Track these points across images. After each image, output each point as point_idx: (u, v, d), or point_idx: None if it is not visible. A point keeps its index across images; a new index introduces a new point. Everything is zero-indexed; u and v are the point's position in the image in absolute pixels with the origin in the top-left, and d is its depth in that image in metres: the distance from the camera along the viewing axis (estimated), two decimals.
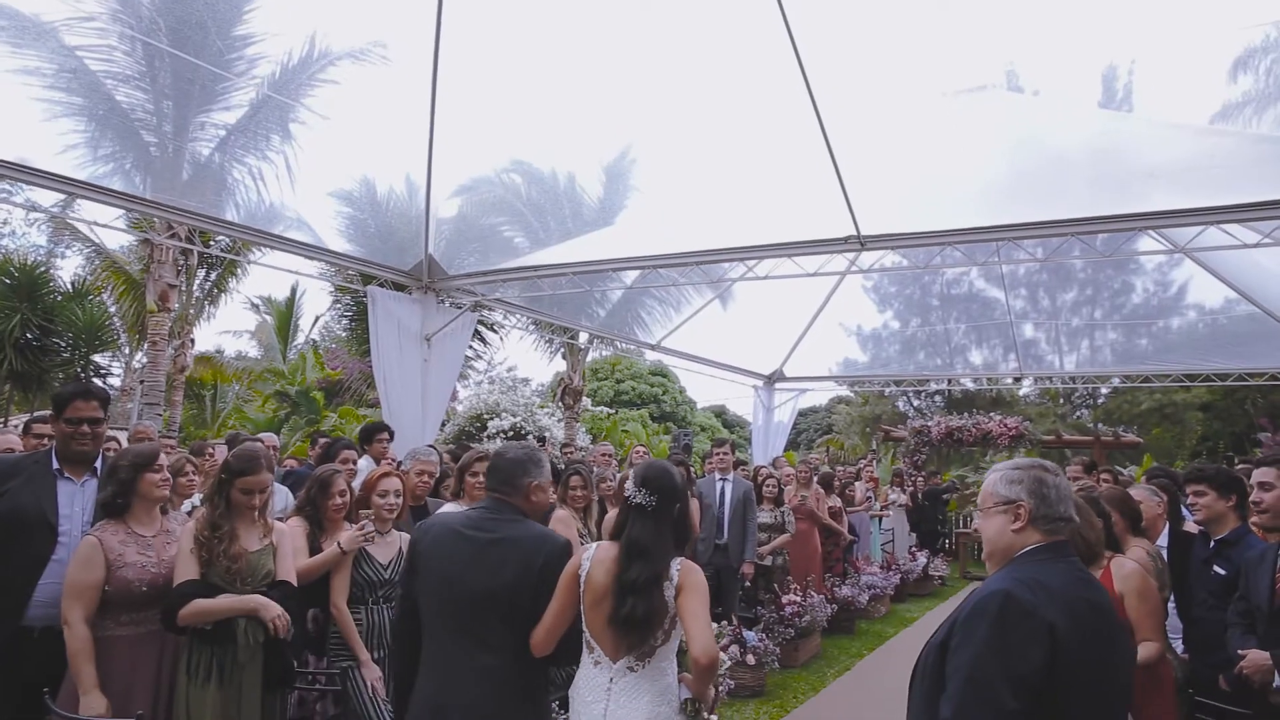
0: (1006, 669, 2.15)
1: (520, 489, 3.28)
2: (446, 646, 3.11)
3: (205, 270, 18.31)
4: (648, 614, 2.90)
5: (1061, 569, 2.35)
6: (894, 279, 15.44)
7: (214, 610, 3.67)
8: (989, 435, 16.04)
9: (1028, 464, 2.52)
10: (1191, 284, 13.00)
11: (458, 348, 10.02)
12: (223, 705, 3.65)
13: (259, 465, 3.90)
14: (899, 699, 5.91)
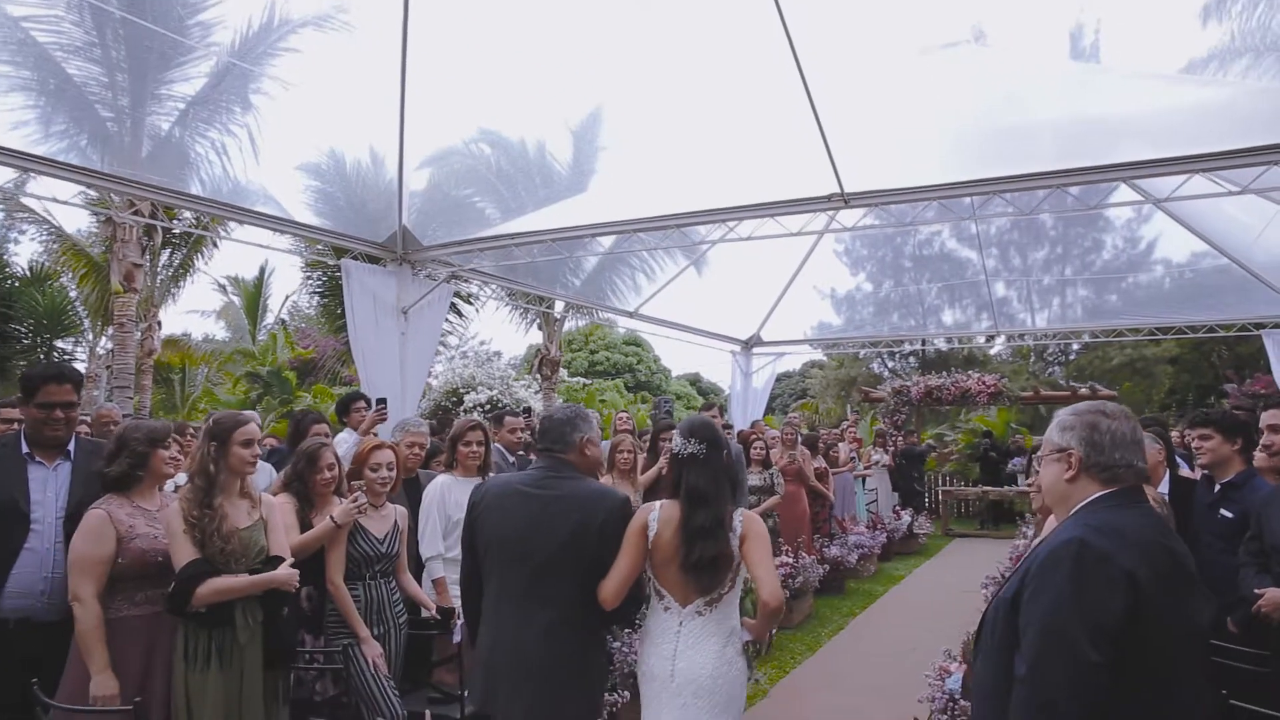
0: (1085, 618, 2.04)
1: (574, 445, 3.40)
2: (505, 602, 3.26)
3: (170, 250, 17.88)
4: (715, 557, 3.07)
5: (1135, 515, 2.23)
6: (866, 241, 15.46)
7: (234, 589, 3.56)
8: (968, 393, 16.09)
9: (1086, 408, 2.40)
10: (1160, 240, 13.22)
11: (435, 320, 9.83)
12: (224, 689, 3.53)
13: (246, 416, 3.82)
14: (895, 655, 5.83)
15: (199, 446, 3.71)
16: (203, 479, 3.62)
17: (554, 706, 3.17)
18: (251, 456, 3.76)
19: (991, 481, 16.45)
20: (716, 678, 3.12)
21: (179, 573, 3.49)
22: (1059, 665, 2.04)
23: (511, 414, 6.56)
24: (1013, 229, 14.68)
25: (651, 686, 3.21)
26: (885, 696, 6.20)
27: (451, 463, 5.14)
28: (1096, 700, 2.01)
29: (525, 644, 3.17)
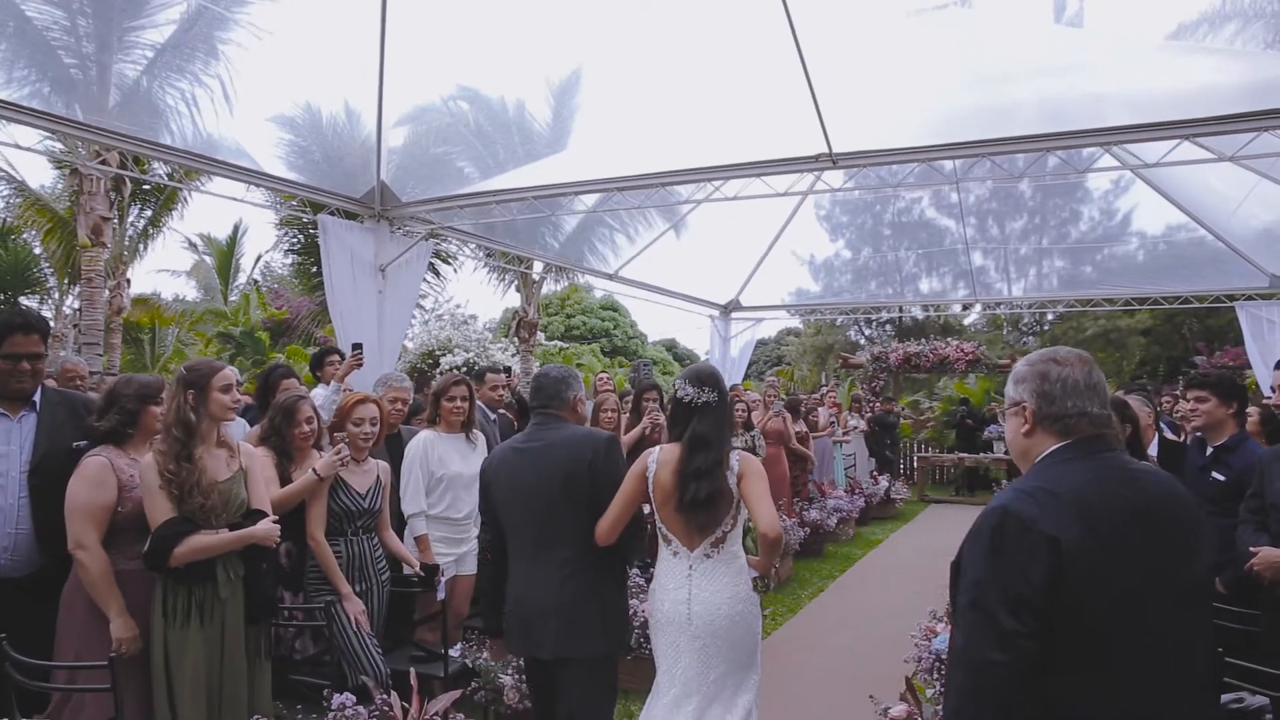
0: (1004, 590, 1.96)
1: (567, 402, 3.62)
2: (522, 551, 3.47)
3: (139, 206, 17.47)
4: (711, 495, 3.19)
5: (1085, 469, 2.08)
6: (846, 208, 15.45)
7: (214, 547, 3.44)
8: (946, 360, 16.15)
9: (1037, 357, 2.27)
10: (1136, 212, 13.30)
11: (413, 279, 9.66)
12: (206, 646, 3.43)
13: (219, 364, 3.67)
14: (875, 617, 5.79)
15: (173, 397, 3.54)
16: (181, 430, 3.46)
17: (578, 633, 3.34)
18: (232, 403, 3.63)
19: (967, 448, 16.55)
20: (733, 616, 3.25)
21: (155, 531, 3.36)
22: (981, 637, 1.98)
23: (493, 371, 6.46)
24: (991, 198, 14.73)
25: (668, 631, 3.31)
26: (867, 658, 6.22)
27: (435, 419, 5.05)
28: (1023, 669, 1.93)
29: (544, 587, 3.37)
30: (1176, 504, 2.07)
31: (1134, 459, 2.20)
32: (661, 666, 3.35)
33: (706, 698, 3.23)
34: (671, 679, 3.29)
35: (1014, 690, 1.94)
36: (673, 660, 3.30)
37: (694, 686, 3.24)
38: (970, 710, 1.99)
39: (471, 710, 4.34)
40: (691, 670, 3.25)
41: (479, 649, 4.62)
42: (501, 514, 3.55)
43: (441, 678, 4.27)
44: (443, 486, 4.93)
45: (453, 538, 5.03)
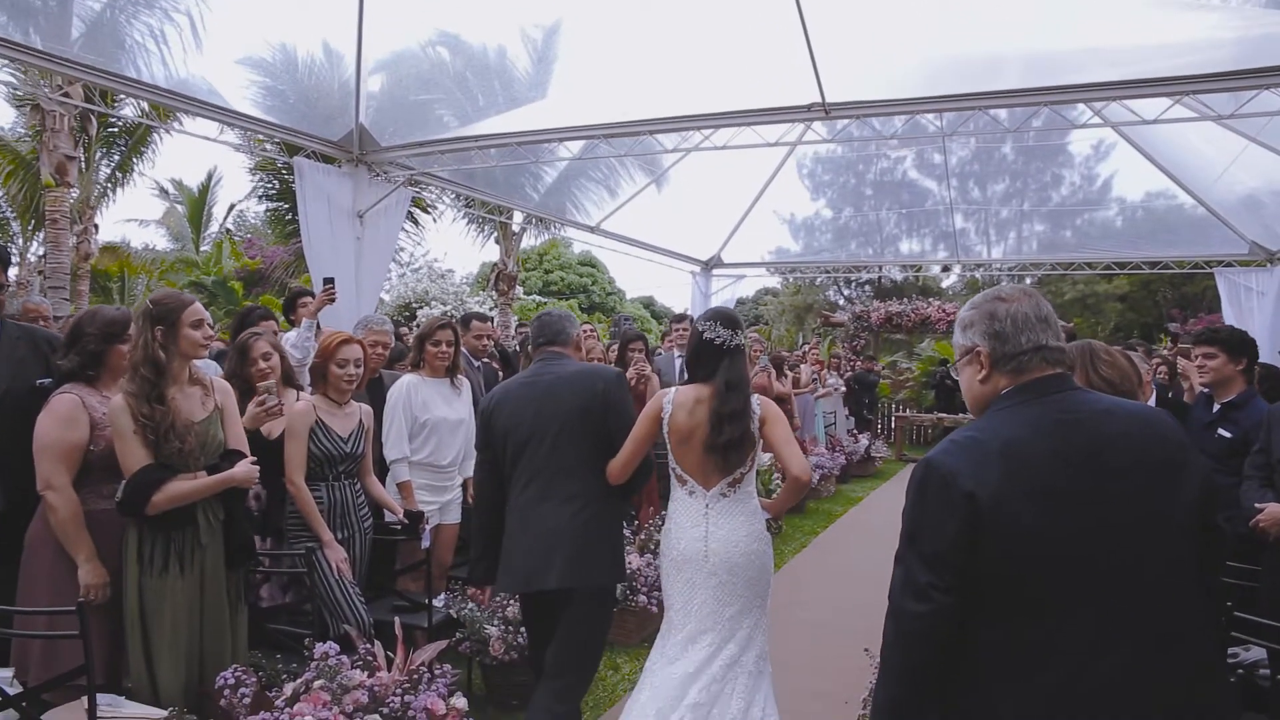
0: (921, 546, 1.92)
1: (570, 340, 3.69)
2: (529, 484, 3.45)
3: (106, 150, 16.96)
4: (741, 438, 3.23)
5: (1029, 414, 1.95)
6: (829, 166, 15.32)
7: (193, 493, 3.26)
8: (928, 320, 16.12)
9: (979, 299, 2.13)
10: (1116, 178, 13.40)
11: (392, 226, 9.46)
12: (185, 593, 3.26)
13: (189, 297, 3.43)
14: (858, 573, 5.75)
15: (140, 333, 3.29)
16: (150, 369, 3.22)
17: (586, 563, 3.37)
18: (204, 338, 3.40)
19: (946, 409, 16.60)
20: (749, 554, 3.29)
21: (130, 479, 3.16)
22: (903, 587, 1.95)
23: (480, 317, 6.28)
24: (974, 160, 14.67)
25: (685, 570, 3.33)
26: (853, 613, 6.17)
27: (418, 362, 4.89)
28: (940, 621, 1.88)
29: (551, 517, 3.38)
30: (1145, 443, 1.92)
31: (1098, 397, 2.06)
32: (676, 605, 3.36)
33: (722, 635, 3.26)
34: (686, 616, 3.31)
35: (932, 641, 1.90)
36: (688, 597, 3.32)
37: (710, 623, 3.26)
38: (894, 658, 1.96)
39: (456, 661, 4.24)
40: (707, 607, 3.27)
41: (464, 599, 4.51)
42: (507, 446, 3.51)
43: (425, 628, 4.16)
44: (426, 432, 4.78)
45: (436, 485, 4.89)
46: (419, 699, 3.14)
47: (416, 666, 3.33)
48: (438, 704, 3.16)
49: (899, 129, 8.21)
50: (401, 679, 3.26)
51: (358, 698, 3.04)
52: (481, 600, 4.24)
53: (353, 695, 3.05)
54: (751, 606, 3.32)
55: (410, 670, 3.31)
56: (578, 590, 3.38)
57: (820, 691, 4.73)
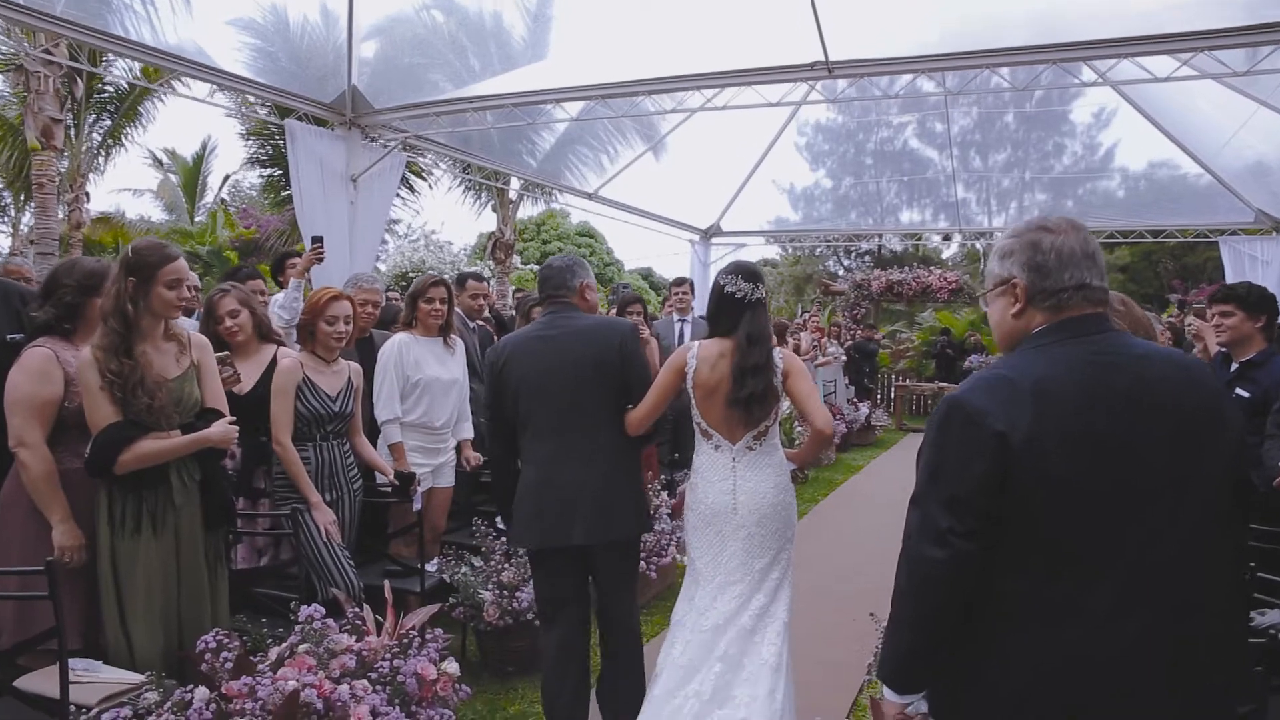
0: (942, 489, 1.79)
1: (574, 289, 3.60)
2: (545, 439, 3.43)
3: (97, 115, 16.69)
4: (765, 392, 3.22)
5: (1065, 353, 1.81)
6: (829, 136, 15.15)
7: (164, 453, 3.10)
8: (929, 289, 15.96)
9: (1023, 227, 1.97)
10: (1119, 147, 13.26)
11: (386, 191, 9.27)
12: (159, 556, 3.12)
13: (174, 250, 3.22)
14: (861, 539, 5.68)
15: (113, 281, 3.12)
16: (119, 322, 3.05)
17: (611, 518, 3.38)
18: (179, 300, 3.21)
19: (947, 378, 16.49)
20: (776, 505, 3.31)
21: (97, 437, 3.01)
22: (921, 532, 1.82)
23: (475, 277, 6.11)
24: (975, 129, 14.50)
25: (714, 523, 3.33)
26: (855, 579, 6.11)
27: (411, 321, 4.74)
28: (960, 568, 1.76)
29: (573, 468, 3.37)
30: (1183, 389, 1.79)
31: (1137, 341, 1.90)
32: (705, 557, 3.35)
33: (751, 586, 3.27)
34: (715, 568, 3.31)
35: (948, 590, 1.79)
36: (718, 549, 3.32)
37: (739, 575, 3.28)
38: (907, 607, 1.86)
39: (450, 626, 4.13)
40: (736, 559, 3.29)
41: (457, 564, 4.40)
42: (520, 399, 3.46)
43: (418, 593, 4.06)
44: (418, 392, 4.64)
45: (429, 447, 4.76)
46: (409, 664, 3.03)
47: (406, 631, 3.21)
48: (428, 669, 3.05)
49: (912, 81, 7.97)
50: (391, 644, 3.15)
51: (345, 662, 2.92)
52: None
53: (340, 660, 2.93)
54: (780, 558, 3.34)
55: (400, 635, 3.20)
56: (602, 545, 3.40)
57: (825, 659, 4.64)
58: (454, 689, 3.13)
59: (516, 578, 4.28)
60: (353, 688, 2.81)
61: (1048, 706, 1.74)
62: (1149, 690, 1.71)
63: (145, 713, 2.63)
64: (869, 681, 4.34)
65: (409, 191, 17.90)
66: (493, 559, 4.39)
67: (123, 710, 2.62)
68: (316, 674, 2.79)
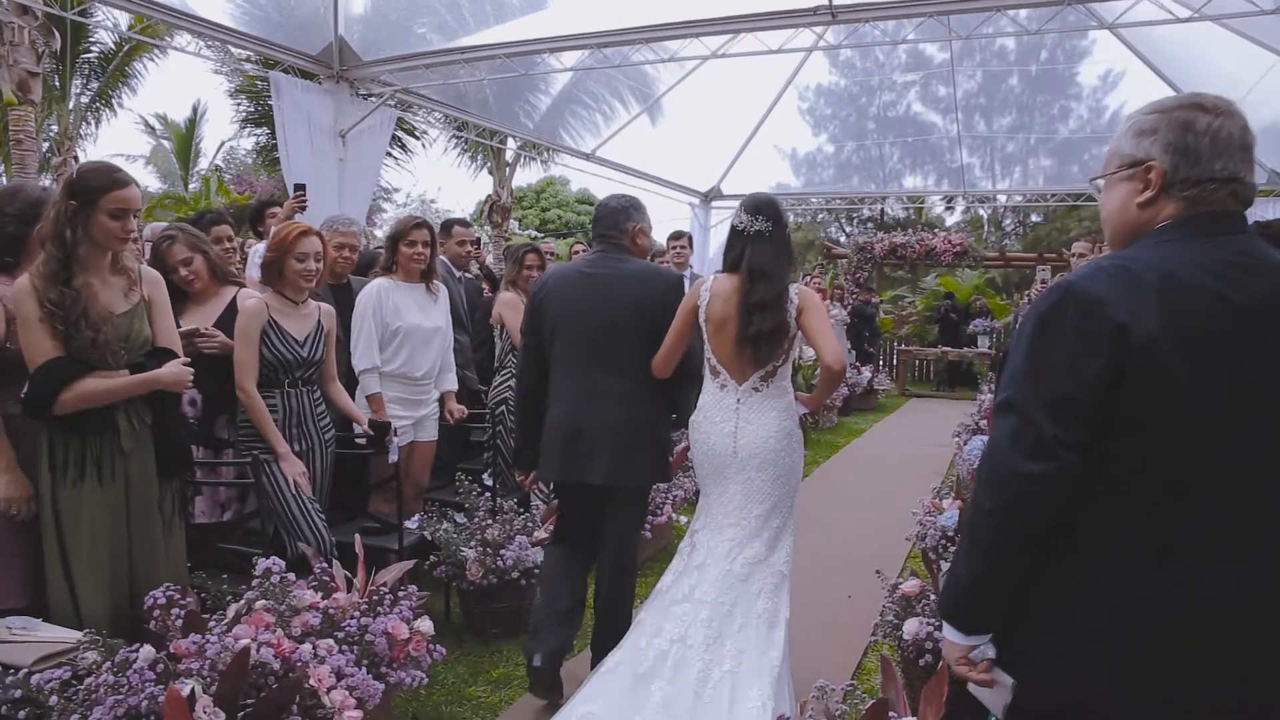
0: (1048, 385, 1.53)
1: (626, 232, 3.55)
2: (577, 376, 3.43)
3: (85, 80, 16.32)
4: (773, 329, 3.11)
5: (1197, 249, 1.56)
6: (831, 100, 14.82)
7: (109, 392, 2.85)
8: (933, 251, 15.65)
9: (1170, 103, 1.66)
10: (1126, 109, 12.24)
11: (376, 148, 9.00)
12: (106, 506, 2.87)
13: (124, 176, 2.92)
14: (863, 501, 5.52)
15: (53, 204, 2.85)
16: (57, 247, 2.78)
17: (630, 463, 3.37)
18: (123, 232, 2.91)
19: (951, 343, 16.24)
20: (778, 450, 3.18)
21: (35, 374, 2.75)
22: (1014, 442, 1.56)
23: (461, 223, 5.82)
24: (979, 93, 14.21)
25: (714, 463, 3.25)
26: (858, 539, 5.92)
27: (391, 265, 4.47)
28: (1060, 485, 1.52)
29: (601, 409, 3.36)
30: None
31: (1274, 250, 1.62)
32: (711, 495, 3.31)
33: (747, 532, 3.19)
34: (719, 504, 3.26)
35: (1043, 511, 1.55)
36: (720, 490, 3.27)
37: (735, 518, 3.21)
38: (986, 533, 1.62)
39: (432, 588, 3.91)
40: (734, 503, 3.21)
41: (439, 521, 4.17)
42: (557, 334, 3.46)
43: (396, 550, 3.83)
44: (398, 340, 4.36)
45: (410, 399, 4.49)
46: (378, 622, 2.80)
47: (378, 587, 2.98)
48: (400, 628, 2.82)
49: (920, 25, 7.64)
50: (361, 601, 2.92)
51: (308, 620, 2.70)
52: (525, 485, 4.06)
53: (303, 617, 2.70)
54: (780, 506, 3.23)
55: (371, 592, 2.97)
56: (619, 487, 3.40)
57: (827, 621, 4.44)
58: (428, 649, 2.91)
59: (501, 535, 4.05)
60: (315, 647, 2.59)
61: (1131, 651, 1.53)
62: (1248, 645, 1.50)
63: (84, 674, 2.40)
64: (874, 643, 4.17)
65: (402, 151, 17.53)
66: (476, 516, 4.16)
67: (59, 671, 2.39)
68: (275, 632, 2.57)
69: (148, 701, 2.26)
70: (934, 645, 3.17)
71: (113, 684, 2.31)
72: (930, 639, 3.18)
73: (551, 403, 3.49)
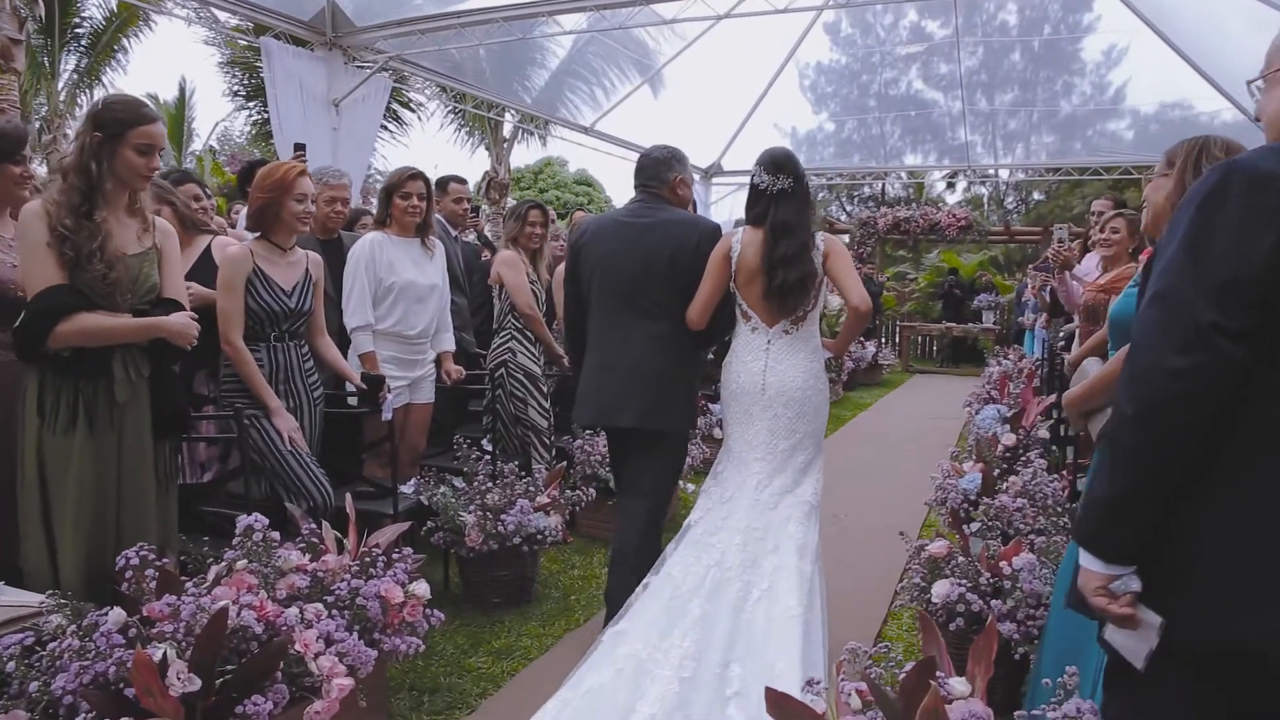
0: (1208, 269, 1.37)
1: (666, 182, 3.58)
2: (612, 320, 3.51)
3: (77, 60, 16.04)
4: (799, 280, 3.19)
5: None
6: (832, 78, 14.68)
7: (112, 331, 2.66)
8: (937, 225, 15.44)
9: None
10: (1130, 86, 12.77)
11: (371, 118, 8.76)
12: (95, 459, 2.65)
13: (152, 112, 2.75)
14: (872, 473, 5.42)
15: (79, 133, 2.70)
16: (81, 179, 2.62)
17: (661, 408, 3.42)
18: (148, 169, 2.74)
19: (955, 318, 16.06)
20: (805, 389, 3.27)
21: (33, 301, 2.56)
22: (1165, 336, 1.38)
23: (457, 179, 5.57)
24: (981, 69, 14.01)
25: (742, 402, 3.34)
26: (870, 508, 5.80)
27: (385, 219, 4.22)
28: (1221, 382, 1.34)
29: (633, 354, 3.43)
30: None
31: None
32: (734, 433, 3.39)
33: (773, 466, 3.26)
34: (743, 443, 3.34)
35: (1199, 410, 1.35)
36: (745, 426, 3.34)
37: (761, 453, 3.28)
38: (1132, 438, 1.42)
39: (431, 555, 3.70)
40: (760, 438, 3.28)
41: (437, 485, 3.97)
42: (595, 279, 3.54)
43: (391, 515, 3.62)
44: (393, 297, 4.12)
45: (405, 358, 4.24)
46: (370, 585, 2.60)
47: (372, 548, 2.78)
48: (394, 591, 2.62)
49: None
50: (352, 564, 2.72)
51: (295, 582, 2.50)
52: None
53: (289, 580, 2.51)
54: (806, 443, 3.31)
55: (363, 554, 2.77)
56: (648, 430, 3.45)
57: (844, 590, 4.24)
58: (425, 614, 2.71)
59: (502, 500, 3.85)
60: (302, 611, 2.39)
61: None
62: None
63: (49, 639, 2.20)
64: (895, 610, 4.07)
65: (397, 124, 17.17)
66: (476, 480, 3.96)
67: (19, 636, 2.19)
68: (258, 594, 2.37)
69: (115, 667, 2.06)
70: (966, 608, 2.99)
71: (79, 649, 2.11)
72: (963, 601, 3.01)
73: (588, 351, 3.59)
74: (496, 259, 5.05)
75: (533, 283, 4.90)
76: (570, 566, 4.61)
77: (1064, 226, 5.96)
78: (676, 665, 2.76)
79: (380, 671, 2.68)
